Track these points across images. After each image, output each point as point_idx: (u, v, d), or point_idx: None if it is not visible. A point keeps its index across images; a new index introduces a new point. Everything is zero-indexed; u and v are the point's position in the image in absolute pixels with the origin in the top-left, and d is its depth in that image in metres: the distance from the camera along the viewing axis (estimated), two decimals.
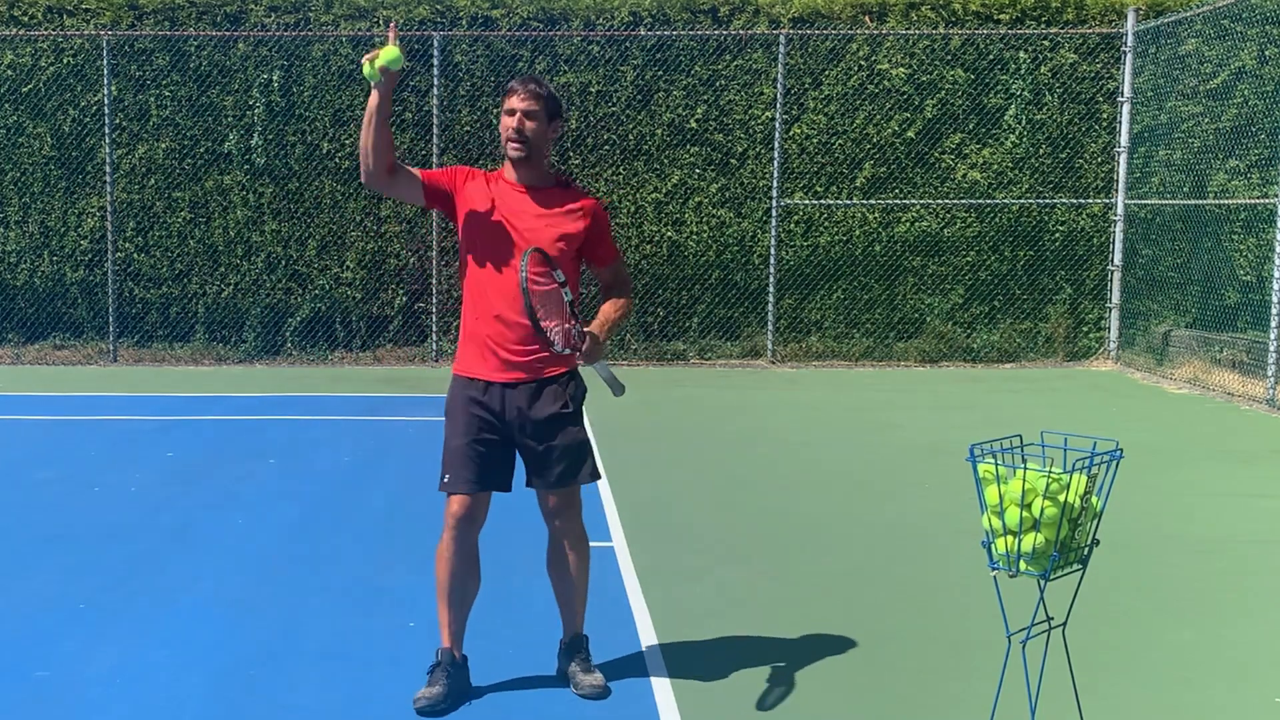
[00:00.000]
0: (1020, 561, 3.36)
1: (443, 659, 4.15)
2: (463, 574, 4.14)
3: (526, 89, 4.06)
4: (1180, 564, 5.83)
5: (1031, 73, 12.59)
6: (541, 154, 4.10)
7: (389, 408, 10.07)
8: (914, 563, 5.79)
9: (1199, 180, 11.55)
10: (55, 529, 6.29)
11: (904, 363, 12.71)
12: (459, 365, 4.18)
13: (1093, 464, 3.34)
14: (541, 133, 4.07)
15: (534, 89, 4.07)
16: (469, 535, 4.13)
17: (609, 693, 4.18)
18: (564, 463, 4.11)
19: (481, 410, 4.08)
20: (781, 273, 12.70)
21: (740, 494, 7.17)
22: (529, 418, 4.08)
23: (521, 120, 4.03)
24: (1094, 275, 12.85)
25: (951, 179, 12.70)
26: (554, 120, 4.11)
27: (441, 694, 4.06)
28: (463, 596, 4.17)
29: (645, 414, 9.71)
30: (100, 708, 4.07)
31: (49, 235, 12.71)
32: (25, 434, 9.04)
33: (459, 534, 4.11)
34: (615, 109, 12.59)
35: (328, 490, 7.22)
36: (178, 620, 4.92)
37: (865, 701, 4.18)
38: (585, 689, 4.16)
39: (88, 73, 12.56)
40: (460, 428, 4.10)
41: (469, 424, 4.09)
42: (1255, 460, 8.22)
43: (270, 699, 4.15)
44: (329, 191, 12.64)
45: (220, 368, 12.37)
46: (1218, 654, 4.63)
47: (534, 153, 4.07)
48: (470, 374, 4.12)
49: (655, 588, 5.33)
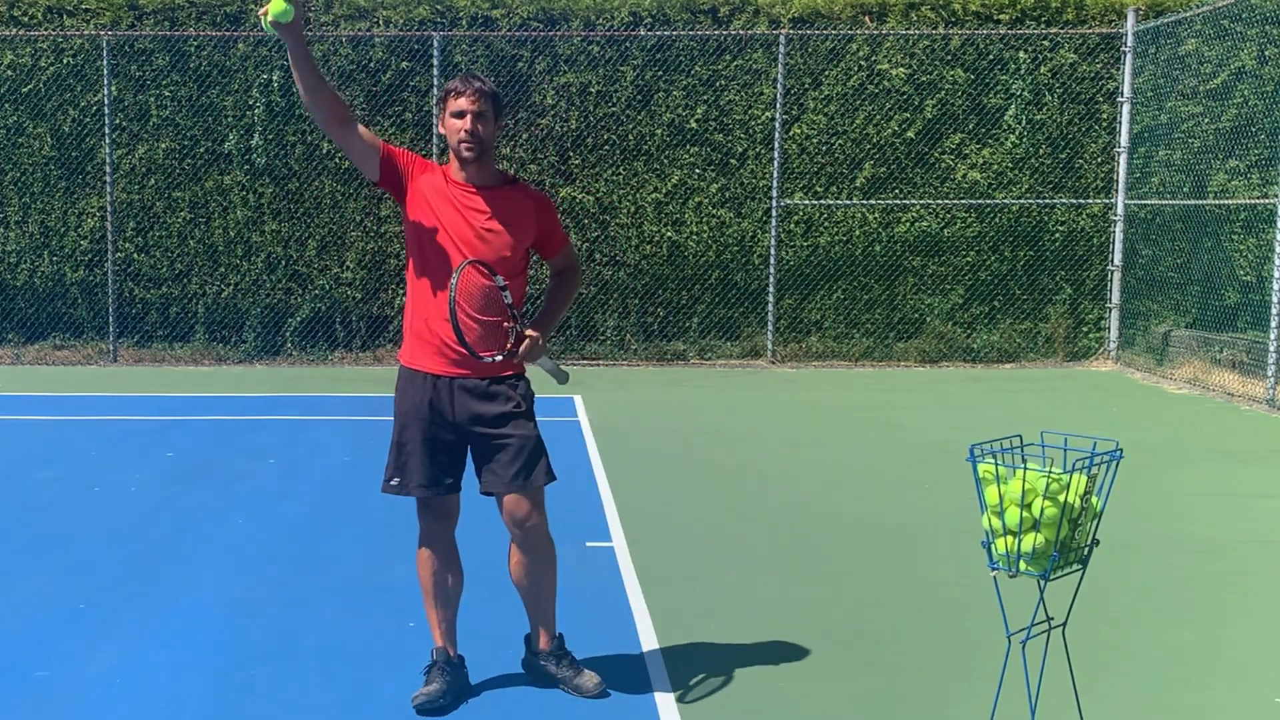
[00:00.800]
0: (1020, 561, 3.36)
1: (438, 658, 4.16)
2: (443, 573, 4.16)
3: (473, 88, 4.01)
4: (1180, 564, 5.83)
5: (1031, 73, 12.59)
6: (489, 151, 4.09)
7: (389, 408, 10.04)
8: (914, 563, 5.79)
9: (1199, 180, 11.55)
10: (55, 529, 6.29)
11: (904, 363, 12.71)
12: (408, 357, 4.13)
13: (1093, 464, 3.34)
14: (491, 132, 4.05)
15: (479, 87, 4.02)
16: (444, 534, 4.16)
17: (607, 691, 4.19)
18: (519, 461, 4.04)
19: (430, 410, 4.05)
20: (781, 273, 12.70)
21: (740, 494, 7.17)
22: (479, 415, 4.04)
23: (473, 121, 4.00)
24: (1094, 275, 12.85)
25: (951, 179, 12.70)
26: (499, 118, 4.10)
27: (439, 691, 4.06)
28: (447, 595, 4.19)
29: (645, 414, 9.71)
30: (100, 708, 4.07)
31: (49, 235, 12.71)
32: (25, 434, 9.04)
33: (435, 534, 4.14)
34: (615, 109, 12.59)
35: (328, 490, 7.22)
36: (178, 620, 4.92)
37: (865, 701, 4.18)
38: (590, 690, 4.15)
39: (88, 73, 12.56)
40: (410, 427, 4.08)
41: (418, 424, 4.06)
42: (1255, 460, 8.22)
43: (270, 699, 4.15)
44: (329, 191, 12.64)
45: (220, 368, 12.37)
46: (1218, 654, 4.63)
47: (485, 152, 4.06)
48: (419, 367, 4.09)
49: (655, 588, 5.33)
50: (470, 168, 4.07)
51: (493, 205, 4.05)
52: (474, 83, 4.03)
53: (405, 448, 4.09)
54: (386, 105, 12.58)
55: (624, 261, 12.67)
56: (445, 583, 4.18)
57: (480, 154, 4.04)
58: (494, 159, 4.17)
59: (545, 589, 4.21)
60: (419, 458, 4.07)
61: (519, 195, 4.13)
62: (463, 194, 4.05)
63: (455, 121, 4.01)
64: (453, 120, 4.02)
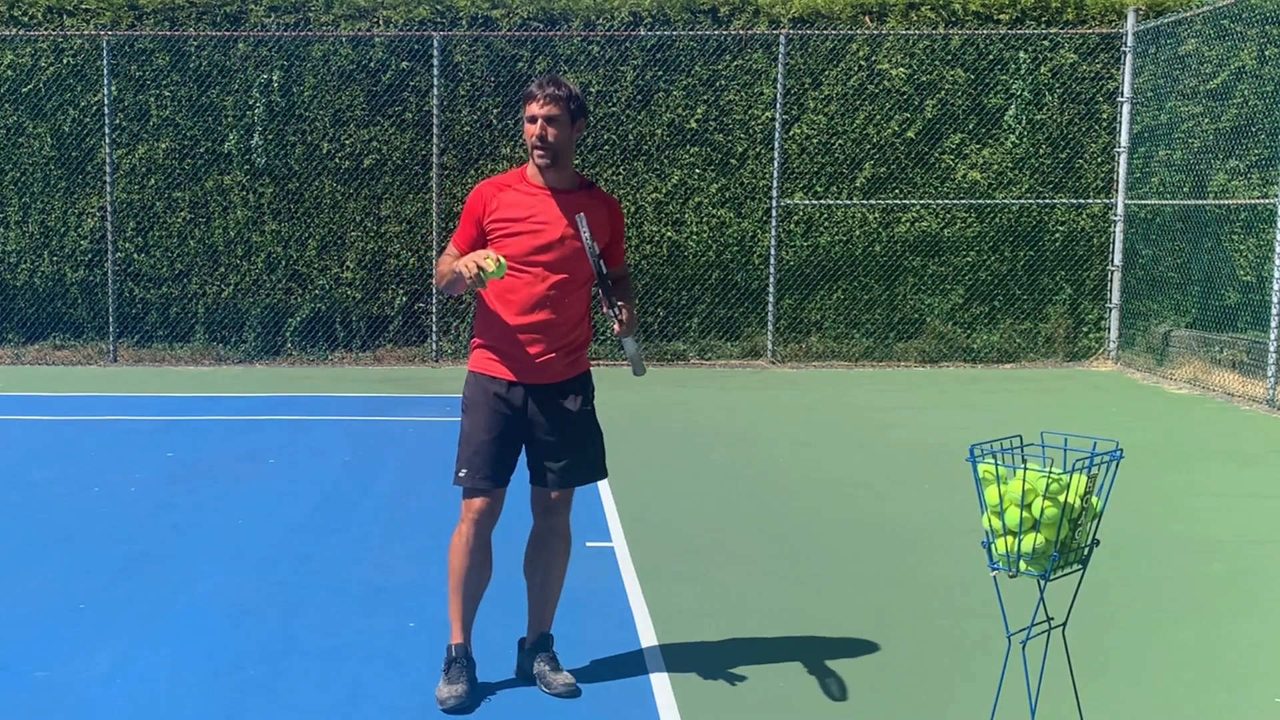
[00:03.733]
0: (1020, 562, 3.36)
1: (457, 654, 4.13)
2: (479, 567, 4.14)
3: (545, 93, 3.99)
4: (1180, 564, 5.83)
5: (1031, 73, 12.59)
6: (567, 157, 4.06)
7: (389, 408, 10.06)
8: (914, 563, 5.79)
9: (1199, 180, 11.55)
10: (55, 529, 6.29)
11: (904, 363, 12.71)
12: (479, 365, 4.15)
13: (1093, 464, 3.34)
14: (566, 137, 4.02)
15: (553, 92, 4.00)
16: (487, 529, 4.14)
17: (579, 692, 4.18)
18: (584, 462, 4.16)
19: (504, 406, 4.08)
20: (781, 273, 12.70)
21: (740, 494, 7.17)
22: (552, 416, 4.09)
23: (544, 127, 3.98)
24: (1094, 275, 12.85)
25: (951, 179, 12.70)
26: (577, 121, 4.06)
27: (466, 691, 4.04)
28: (477, 590, 4.17)
29: (645, 414, 9.71)
30: (100, 708, 4.07)
31: (49, 235, 12.71)
32: (25, 434, 9.04)
33: (479, 529, 4.11)
34: (615, 109, 12.60)
35: (328, 490, 7.22)
36: (178, 620, 4.92)
37: (865, 701, 4.18)
38: (558, 688, 4.16)
39: (88, 73, 12.56)
40: (483, 423, 4.08)
41: (492, 420, 4.07)
42: (1255, 460, 8.22)
43: (270, 699, 4.15)
44: (329, 191, 12.64)
45: (220, 368, 12.37)
46: (1218, 654, 4.63)
47: (559, 158, 4.04)
48: (491, 373, 4.10)
49: (655, 588, 5.33)
50: (547, 173, 4.06)
51: (566, 208, 4.04)
52: (548, 87, 4.00)
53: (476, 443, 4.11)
54: (386, 105, 12.58)
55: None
56: (479, 577, 4.15)
57: (554, 159, 4.03)
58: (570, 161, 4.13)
59: (554, 582, 4.28)
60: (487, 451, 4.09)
61: (594, 198, 4.12)
62: (540, 196, 4.06)
63: (529, 126, 4.01)
64: (527, 125, 4.02)
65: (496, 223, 4.04)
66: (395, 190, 12.65)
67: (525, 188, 4.08)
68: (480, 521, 4.11)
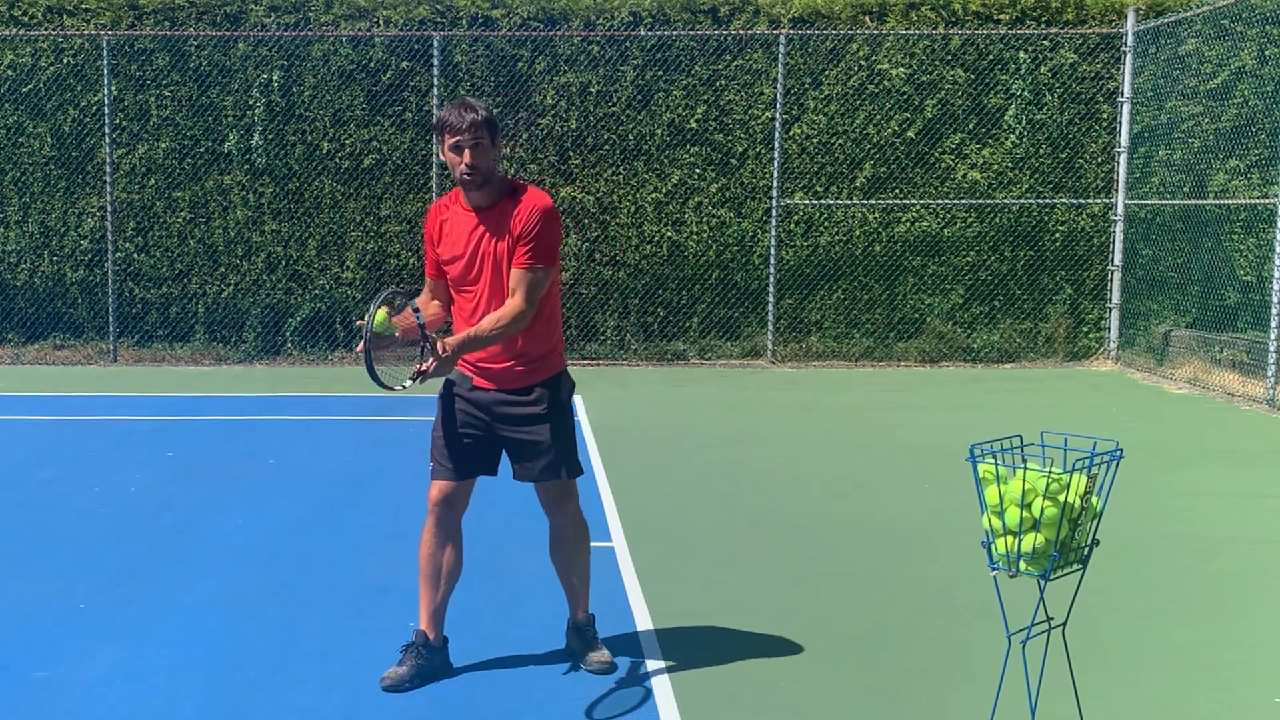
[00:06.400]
0: (1020, 561, 3.36)
1: (416, 640, 4.31)
2: (440, 557, 4.30)
3: (466, 122, 4.07)
4: (1180, 564, 5.83)
5: (1031, 73, 12.59)
6: (493, 174, 4.17)
7: (389, 408, 10.06)
8: (914, 563, 5.79)
9: (1199, 180, 11.55)
10: (55, 529, 6.30)
11: (904, 363, 12.71)
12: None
13: (1093, 464, 3.34)
14: (490, 157, 4.14)
15: (473, 119, 4.08)
16: (448, 519, 4.31)
17: (615, 668, 4.36)
18: (545, 459, 4.29)
19: (465, 404, 4.29)
20: (781, 273, 12.70)
21: (740, 494, 7.17)
22: (516, 419, 4.27)
23: (469, 155, 4.09)
24: (1094, 275, 12.85)
25: (951, 179, 12.70)
26: (496, 139, 4.18)
27: (407, 674, 4.22)
28: (440, 579, 4.32)
29: (645, 414, 9.71)
30: (100, 708, 4.07)
31: (49, 235, 12.71)
32: (25, 434, 9.04)
33: (439, 516, 4.30)
34: (615, 109, 12.60)
35: (328, 490, 7.22)
36: (177, 620, 4.92)
37: (865, 701, 4.18)
38: (593, 665, 4.38)
39: (88, 73, 12.56)
40: (445, 418, 4.31)
41: (451, 415, 4.30)
42: (1255, 460, 8.22)
43: (270, 699, 4.15)
44: (329, 191, 12.64)
45: (220, 368, 12.37)
46: (1218, 654, 4.63)
47: (487, 177, 4.15)
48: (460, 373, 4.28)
49: (655, 588, 5.33)
50: (474, 194, 4.19)
51: (488, 225, 4.19)
52: (467, 114, 4.09)
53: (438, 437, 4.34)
54: (386, 105, 12.58)
55: (624, 261, 12.67)
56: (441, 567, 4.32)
57: (483, 182, 4.15)
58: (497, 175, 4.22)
59: (578, 571, 4.47)
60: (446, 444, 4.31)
61: (512, 205, 4.19)
62: (467, 218, 4.24)
63: (453, 156, 4.12)
64: (451, 154, 4.13)
65: (441, 249, 4.28)
66: (395, 190, 12.65)
67: (458, 210, 4.27)
68: (439, 510, 4.29)
